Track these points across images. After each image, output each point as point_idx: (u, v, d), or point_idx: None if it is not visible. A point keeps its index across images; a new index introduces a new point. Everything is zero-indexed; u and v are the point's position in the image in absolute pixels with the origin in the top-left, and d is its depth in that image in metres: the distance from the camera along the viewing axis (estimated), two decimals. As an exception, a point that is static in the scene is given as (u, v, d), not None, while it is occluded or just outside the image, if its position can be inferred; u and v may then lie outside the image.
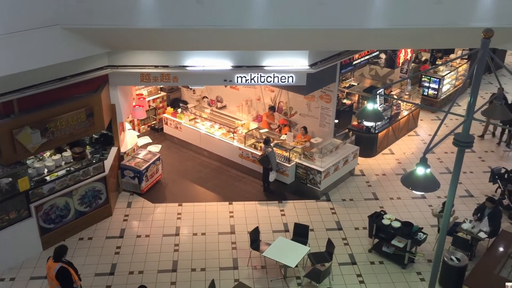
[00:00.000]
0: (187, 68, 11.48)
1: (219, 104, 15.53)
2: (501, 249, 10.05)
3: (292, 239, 10.29)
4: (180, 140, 14.89)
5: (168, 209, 12.01)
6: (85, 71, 10.51)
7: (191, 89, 15.77)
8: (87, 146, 11.73)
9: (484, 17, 8.70)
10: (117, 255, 10.40)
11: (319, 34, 9.04)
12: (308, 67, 11.47)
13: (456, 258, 9.51)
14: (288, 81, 11.70)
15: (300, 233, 10.33)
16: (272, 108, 14.20)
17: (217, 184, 13.12)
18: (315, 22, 8.57)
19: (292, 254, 9.55)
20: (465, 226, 10.33)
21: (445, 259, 9.47)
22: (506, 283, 8.82)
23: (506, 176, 12.43)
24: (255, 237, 10.21)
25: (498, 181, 12.49)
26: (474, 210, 10.97)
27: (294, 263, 9.35)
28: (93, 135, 11.95)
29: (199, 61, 11.41)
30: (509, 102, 15.60)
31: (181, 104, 15.46)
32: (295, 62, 11.47)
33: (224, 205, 12.23)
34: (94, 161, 11.12)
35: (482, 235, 10.16)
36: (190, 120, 14.56)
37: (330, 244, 9.98)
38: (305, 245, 10.04)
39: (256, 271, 10.03)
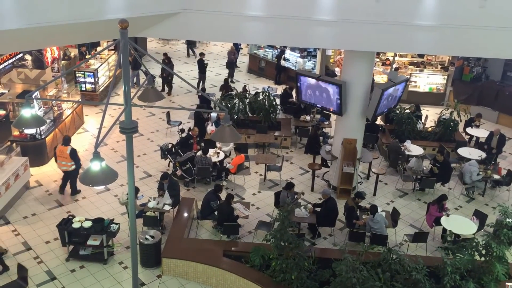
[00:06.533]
0: None
1: None
2: (185, 214, 11.22)
3: (-26, 280, 8.88)
4: None
5: None
6: None
7: None
8: None
9: (117, 8, 9.15)
10: None
11: None
12: None
13: (150, 236, 10.11)
14: None
15: (-18, 270, 8.99)
16: None
17: None
18: None
19: (-22, 297, 8.25)
20: (151, 204, 11.03)
21: (141, 240, 9.95)
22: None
23: (173, 150, 13.80)
24: None
25: (168, 156, 13.77)
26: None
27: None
28: None
29: None
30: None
31: None
32: None
33: None
34: None
35: (166, 207, 11.08)
36: None
37: (21, 269, 9.03)
38: (-8, 281, 8.83)
39: None
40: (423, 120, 16.56)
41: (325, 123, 16.50)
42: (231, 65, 21.51)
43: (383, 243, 10.38)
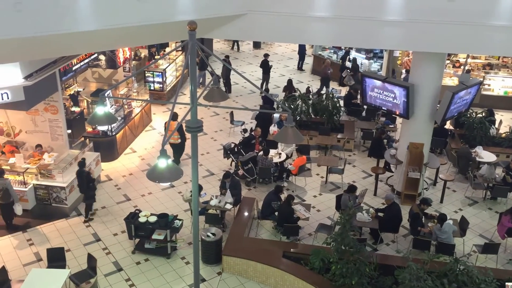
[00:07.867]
0: None
1: None
2: (245, 213, 11.33)
3: (48, 267, 9.45)
4: None
5: None
6: None
7: None
8: None
9: (186, 10, 9.40)
10: None
11: (23, 43, 8.24)
12: (23, 80, 10.44)
13: (212, 233, 10.30)
14: (3, 99, 10.44)
15: (56, 258, 9.55)
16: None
17: None
18: (15, 31, 7.76)
19: (50, 282, 8.75)
20: (213, 202, 11.25)
21: (203, 237, 10.17)
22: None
23: (236, 149, 13.99)
24: (3, 279, 8.96)
25: (231, 155, 13.96)
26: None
27: (56, 291, 8.61)
28: None
29: None
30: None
31: None
32: (7, 77, 10.28)
33: (-46, 255, 10.34)
34: None
35: (228, 206, 11.24)
36: None
37: (91, 259, 9.53)
38: (64, 268, 9.34)
39: (13, 315, 8.86)
40: (496, 125, 15.70)
41: (390, 126, 16.07)
42: (326, 81, 19.67)
43: (450, 252, 9.95)
